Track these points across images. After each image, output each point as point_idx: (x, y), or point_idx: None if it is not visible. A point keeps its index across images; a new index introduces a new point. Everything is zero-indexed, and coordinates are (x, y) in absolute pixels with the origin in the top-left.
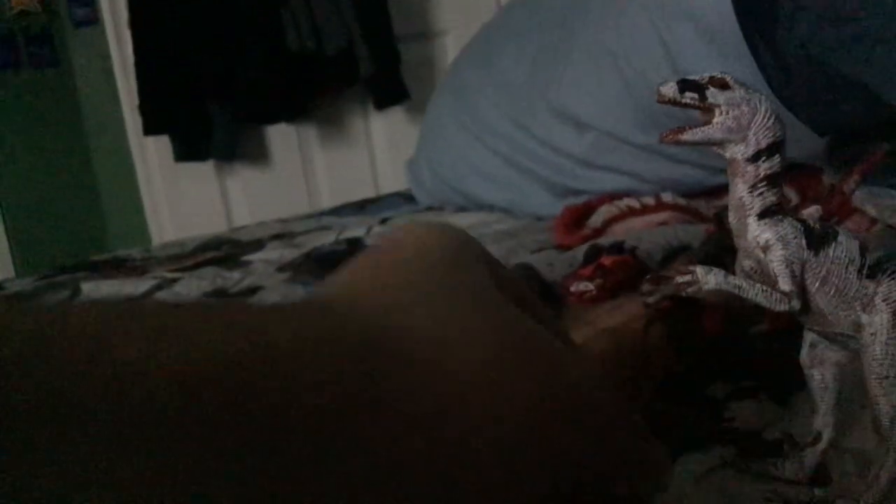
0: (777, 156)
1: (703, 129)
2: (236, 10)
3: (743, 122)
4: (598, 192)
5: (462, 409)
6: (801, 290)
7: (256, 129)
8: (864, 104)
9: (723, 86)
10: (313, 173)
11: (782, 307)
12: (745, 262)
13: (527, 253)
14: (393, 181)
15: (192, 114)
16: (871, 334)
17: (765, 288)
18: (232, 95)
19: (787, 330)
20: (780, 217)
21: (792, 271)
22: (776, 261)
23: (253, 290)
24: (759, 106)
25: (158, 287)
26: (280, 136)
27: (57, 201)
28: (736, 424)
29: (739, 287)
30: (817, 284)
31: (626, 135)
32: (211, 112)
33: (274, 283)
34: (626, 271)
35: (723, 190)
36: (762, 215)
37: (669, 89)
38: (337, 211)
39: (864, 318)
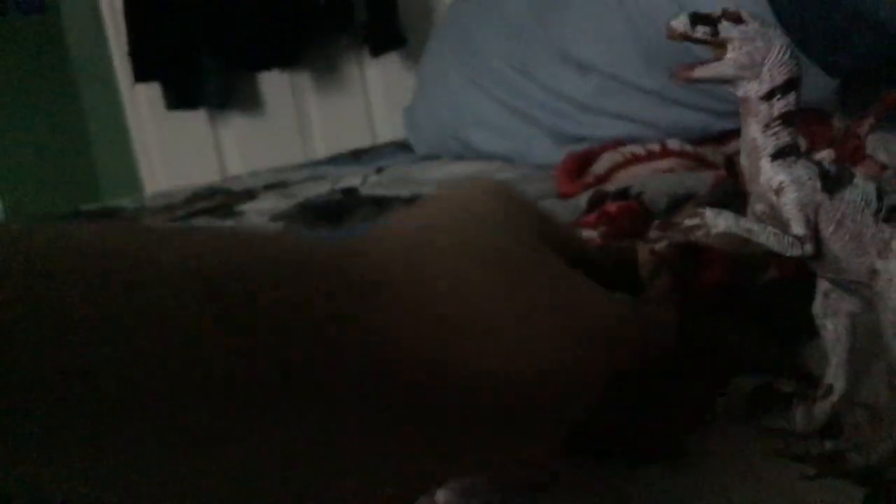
0: (792, 93)
1: (714, 64)
2: None
3: (757, 58)
4: (601, 138)
5: (451, 334)
6: (815, 235)
7: (249, 76)
8: (879, 42)
9: (736, 19)
10: (307, 122)
11: (795, 252)
12: (757, 206)
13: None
14: (389, 130)
15: (183, 61)
16: (888, 280)
17: (777, 231)
18: (224, 41)
19: (795, 278)
20: (794, 158)
21: (806, 215)
22: (789, 203)
23: None
24: (774, 40)
25: None
26: (273, 83)
27: (46, 150)
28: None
29: (750, 230)
30: (832, 228)
31: (631, 78)
32: (203, 59)
33: None
34: (631, 218)
35: (730, 135)
36: (776, 156)
37: (680, 23)
38: (332, 160)
39: (880, 265)
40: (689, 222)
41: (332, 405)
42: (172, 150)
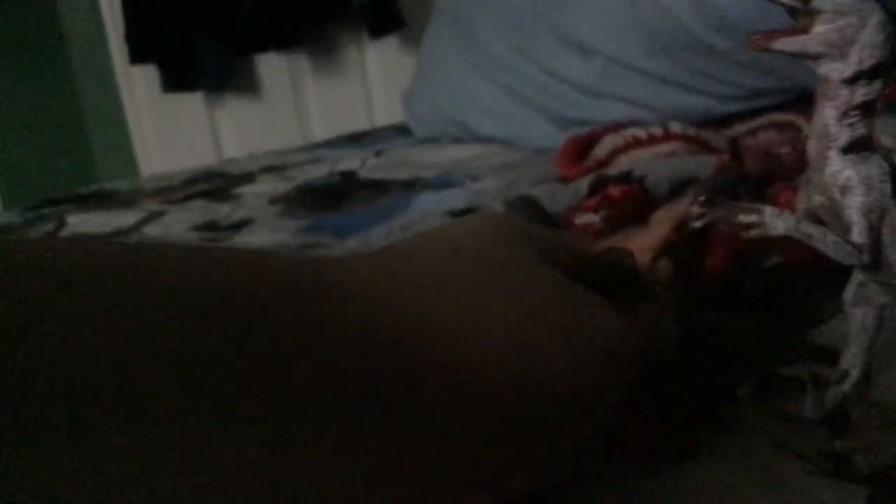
0: (879, 81)
1: (800, 37)
2: None
3: (847, 35)
4: (603, 122)
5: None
6: (875, 243)
7: (246, 59)
8: None
9: None
10: (305, 105)
11: (852, 261)
12: (816, 198)
13: (528, 185)
14: (388, 113)
15: (180, 43)
16: None
17: (837, 240)
18: (221, 23)
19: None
20: (867, 153)
21: (869, 221)
22: (854, 206)
23: (244, 223)
24: (870, 17)
25: (147, 220)
26: (271, 66)
27: (43, 132)
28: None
29: (810, 236)
30: (891, 236)
31: (634, 61)
32: (199, 41)
33: (266, 215)
34: (632, 203)
35: (733, 119)
36: (848, 149)
37: None
38: (330, 143)
39: None
40: (745, 219)
41: (340, 420)
42: (169, 133)
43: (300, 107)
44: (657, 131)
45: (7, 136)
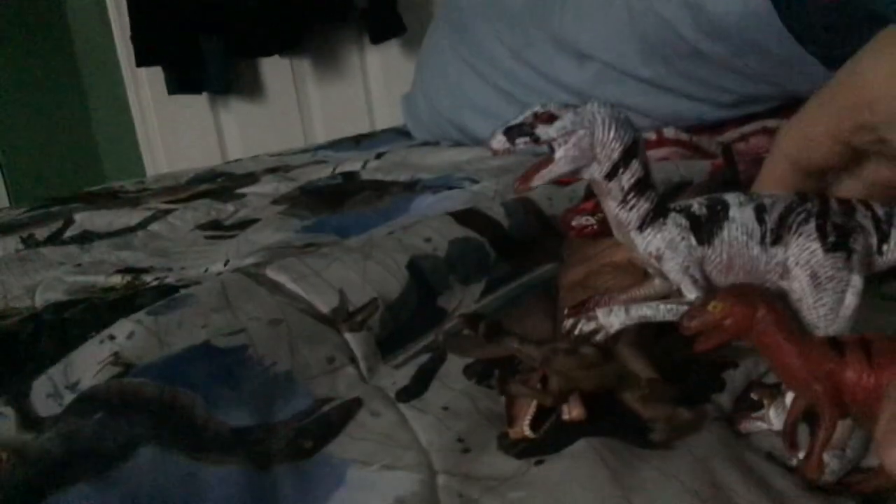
0: (634, 160)
1: (549, 167)
2: None
3: (584, 145)
4: None
5: None
6: (709, 288)
7: (250, 62)
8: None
9: (549, 119)
10: (308, 107)
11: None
12: (650, 271)
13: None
14: (388, 116)
15: (185, 45)
16: (798, 300)
17: (669, 306)
18: (225, 27)
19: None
20: (661, 220)
21: (692, 276)
22: (672, 271)
23: (248, 222)
24: (594, 121)
25: (152, 218)
26: (274, 69)
27: (50, 132)
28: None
29: (644, 316)
30: (723, 275)
31: (629, 67)
32: (204, 44)
33: (269, 215)
34: None
35: (727, 124)
36: (643, 226)
37: (499, 143)
38: (333, 145)
39: (785, 285)
40: (585, 328)
41: None
42: (174, 134)
43: (303, 109)
44: (651, 136)
45: (17, 136)
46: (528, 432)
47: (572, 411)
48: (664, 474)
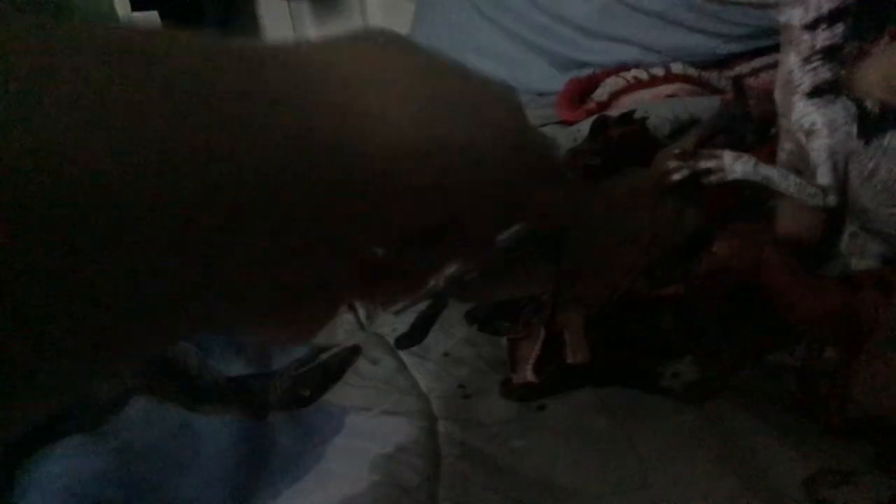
0: (840, 24)
1: None
2: None
3: None
4: (604, 63)
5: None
6: (843, 185)
7: (248, 3)
8: None
9: None
10: None
11: (816, 202)
12: (786, 145)
13: None
14: None
15: None
16: None
17: (799, 181)
18: None
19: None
20: (832, 97)
21: (834, 163)
22: (818, 149)
23: None
24: None
25: None
26: (272, 10)
27: None
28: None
29: (769, 178)
30: (863, 178)
31: (636, 0)
32: None
33: None
34: (633, 144)
35: (736, 59)
36: (812, 94)
37: None
38: None
39: None
40: (705, 164)
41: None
42: None
43: None
44: (658, 72)
45: None
46: (531, 377)
47: (577, 354)
48: (672, 423)
